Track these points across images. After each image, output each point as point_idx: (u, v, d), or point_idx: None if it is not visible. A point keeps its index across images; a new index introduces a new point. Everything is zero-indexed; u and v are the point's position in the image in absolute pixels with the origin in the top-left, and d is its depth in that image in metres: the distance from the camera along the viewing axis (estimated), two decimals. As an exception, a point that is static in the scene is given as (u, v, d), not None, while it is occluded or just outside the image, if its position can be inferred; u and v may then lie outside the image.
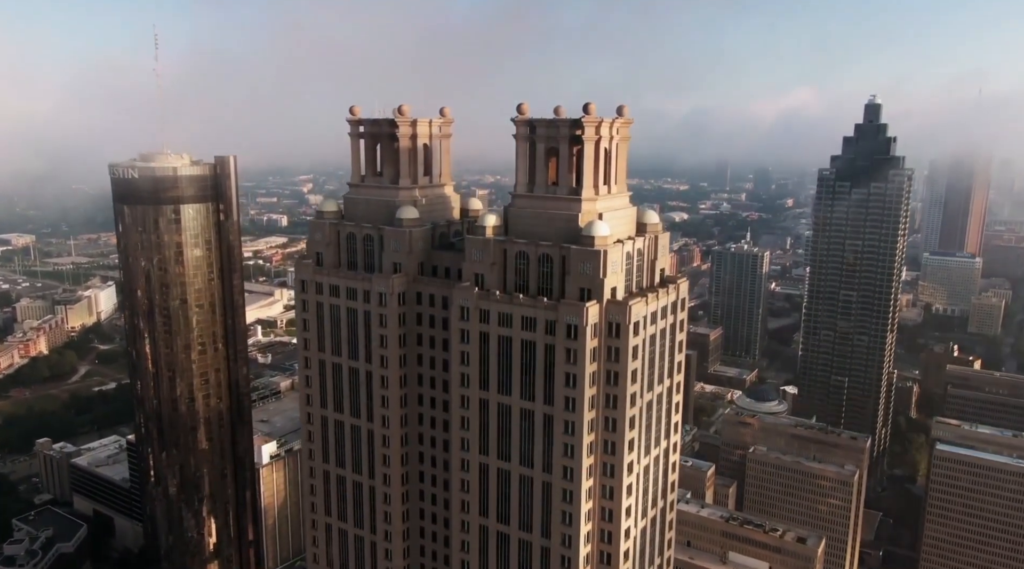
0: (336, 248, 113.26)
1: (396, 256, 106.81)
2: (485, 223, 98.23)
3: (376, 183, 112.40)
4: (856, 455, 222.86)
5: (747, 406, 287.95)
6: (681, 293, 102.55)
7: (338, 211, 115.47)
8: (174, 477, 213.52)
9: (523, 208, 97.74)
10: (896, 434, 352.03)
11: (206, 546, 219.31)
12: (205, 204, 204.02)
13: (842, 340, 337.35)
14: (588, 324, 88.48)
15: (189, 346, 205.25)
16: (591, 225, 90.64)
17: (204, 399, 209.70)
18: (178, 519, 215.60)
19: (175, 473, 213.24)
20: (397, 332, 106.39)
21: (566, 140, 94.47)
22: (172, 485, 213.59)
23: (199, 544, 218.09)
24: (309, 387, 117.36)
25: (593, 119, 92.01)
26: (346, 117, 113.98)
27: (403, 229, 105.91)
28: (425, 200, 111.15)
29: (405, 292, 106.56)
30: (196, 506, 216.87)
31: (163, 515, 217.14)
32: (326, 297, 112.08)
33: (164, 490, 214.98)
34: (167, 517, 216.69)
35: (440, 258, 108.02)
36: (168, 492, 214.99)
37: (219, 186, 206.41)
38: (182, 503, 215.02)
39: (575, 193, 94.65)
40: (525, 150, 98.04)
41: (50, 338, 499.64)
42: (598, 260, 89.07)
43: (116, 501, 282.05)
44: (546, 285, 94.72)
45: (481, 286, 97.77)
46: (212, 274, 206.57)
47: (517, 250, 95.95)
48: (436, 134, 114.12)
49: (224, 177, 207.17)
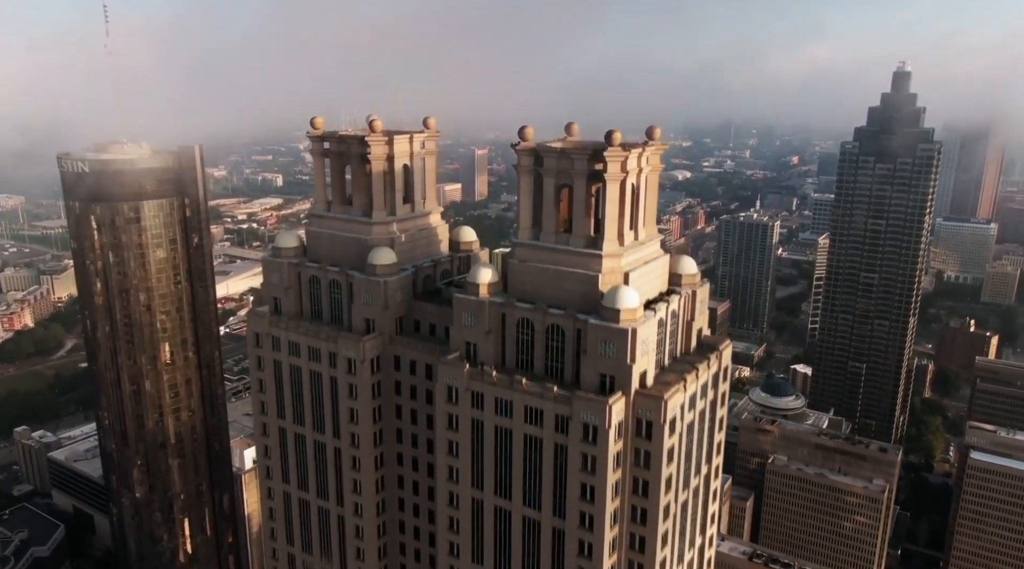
0: (297, 294, 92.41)
1: (368, 311, 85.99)
2: (478, 279, 77.28)
3: (345, 214, 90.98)
4: (885, 469, 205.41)
5: (762, 401, 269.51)
6: (724, 360, 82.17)
7: (299, 247, 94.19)
8: (144, 489, 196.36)
9: (527, 260, 76.77)
10: (910, 416, 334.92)
11: (180, 555, 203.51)
12: (168, 199, 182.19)
13: (861, 323, 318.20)
14: (611, 425, 68.35)
15: (155, 356, 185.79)
16: (615, 293, 69.76)
17: (174, 413, 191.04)
18: (148, 532, 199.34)
19: (145, 487, 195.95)
20: (370, 405, 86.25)
21: (582, 176, 73.13)
22: (140, 493, 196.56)
23: (172, 553, 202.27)
24: (268, 458, 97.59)
25: (618, 153, 70.44)
26: (307, 131, 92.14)
27: (376, 279, 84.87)
28: (405, 236, 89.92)
29: (380, 355, 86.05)
30: (169, 517, 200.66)
31: (133, 526, 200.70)
32: (285, 355, 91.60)
33: (133, 501, 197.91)
34: (137, 528, 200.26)
35: (424, 311, 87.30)
36: (138, 504, 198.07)
37: (184, 179, 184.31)
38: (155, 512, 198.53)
39: (594, 244, 73.64)
40: (529, 185, 76.61)
41: (35, 310, 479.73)
42: (624, 341, 68.48)
43: (95, 498, 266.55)
44: (556, 363, 74.42)
45: (473, 360, 77.40)
46: (179, 277, 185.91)
47: (519, 317, 75.31)
48: (418, 152, 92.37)
49: (188, 169, 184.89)
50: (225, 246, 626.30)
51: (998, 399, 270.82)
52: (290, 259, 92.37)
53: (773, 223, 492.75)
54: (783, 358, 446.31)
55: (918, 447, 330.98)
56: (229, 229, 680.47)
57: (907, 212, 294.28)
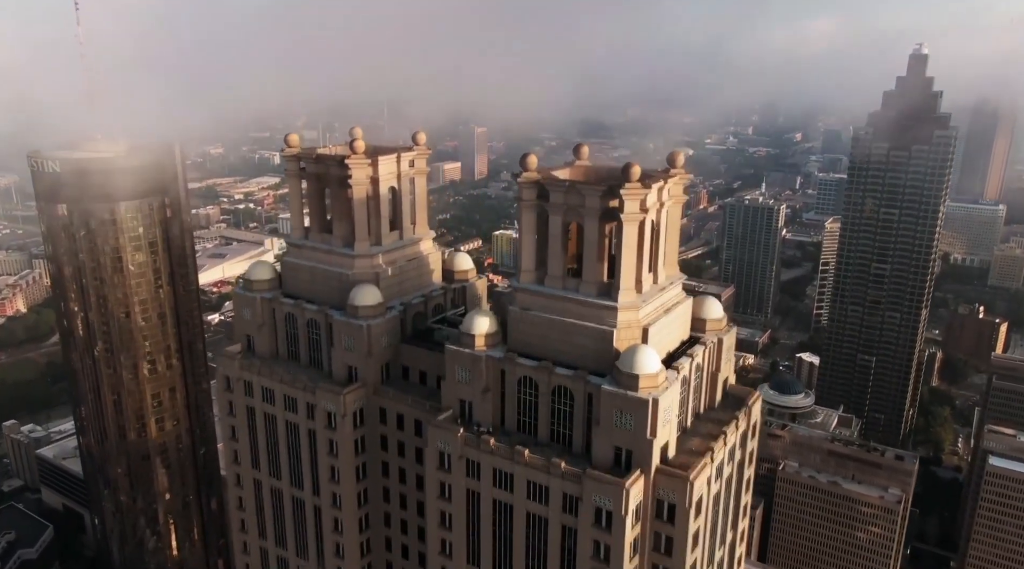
0: (271, 332, 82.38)
1: (350, 357, 76.05)
2: (474, 328, 67.26)
3: (324, 244, 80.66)
4: (902, 478, 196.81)
5: (771, 399, 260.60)
6: (754, 415, 72.46)
7: (273, 279, 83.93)
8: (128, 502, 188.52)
9: (530, 308, 66.71)
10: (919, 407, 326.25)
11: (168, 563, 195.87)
12: (147, 200, 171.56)
13: (871, 314, 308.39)
14: (629, 510, 58.75)
15: (136, 365, 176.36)
16: (633, 355, 59.76)
17: (157, 423, 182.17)
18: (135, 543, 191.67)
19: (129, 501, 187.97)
20: (353, 463, 76.69)
21: (594, 214, 62.85)
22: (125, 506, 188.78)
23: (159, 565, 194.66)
24: (242, 510, 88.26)
25: (637, 190, 60.03)
26: (281, 149, 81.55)
27: (359, 322, 74.81)
28: (392, 269, 79.71)
29: (364, 407, 76.29)
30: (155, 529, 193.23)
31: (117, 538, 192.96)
32: (258, 402, 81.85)
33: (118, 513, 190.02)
34: (121, 539, 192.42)
35: (413, 356, 77.34)
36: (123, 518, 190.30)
37: (162, 177, 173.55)
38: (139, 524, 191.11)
39: (607, 293, 63.55)
40: (532, 222, 66.30)
41: (27, 295, 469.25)
42: (644, 413, 58.66)
43: (85, 496, 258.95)
44: (563, 429, 64.70)
45: (468, 421, 67.70)
46: (160, 281, 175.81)
47: (521, 375, 65.42)
48: (407, 172, 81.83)
49: (167, 167, 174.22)
50: (222, 228, 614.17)
51: (1015, 398, 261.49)
52: (263, 293, 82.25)
53: (779, 206, 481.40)
54: (788, 344, 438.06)
55: (926, 439, 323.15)
56: (226, 210, 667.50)
57: (921, 202, 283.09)
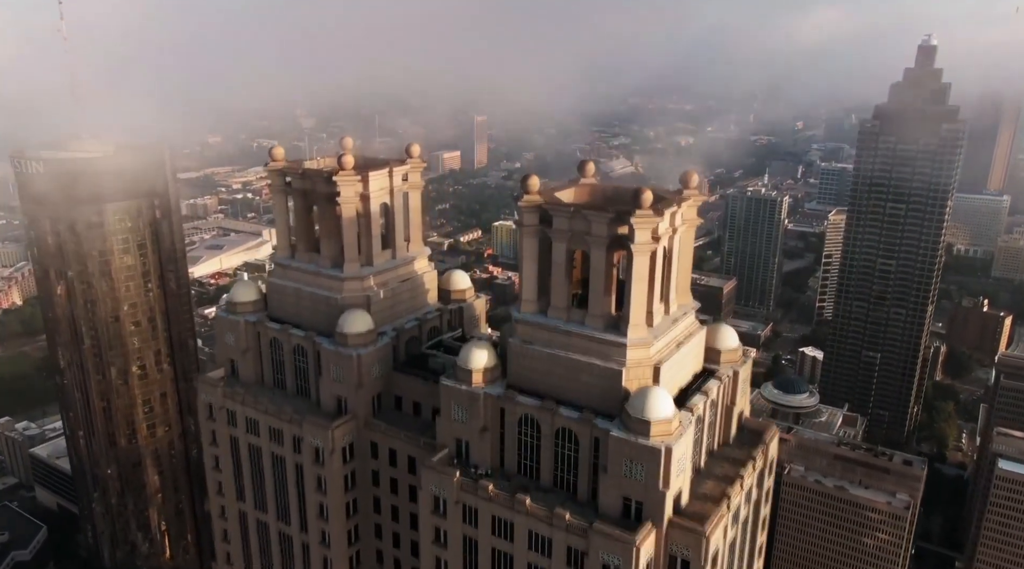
0: (256, 357, 77.49)
1: (339, 388, 71.21)
2: (470, 363, 62.31)
3: (311, 264, 75.60)
4: (910, 484, 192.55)
5: (775, 399, 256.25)
6: (771, 451, 67.69)
7: (258, 300, 78.90)
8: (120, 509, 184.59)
9: (531, 341, 61.74)
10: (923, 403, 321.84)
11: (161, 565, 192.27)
12: (135, 201, 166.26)
13: (876, 310, 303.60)
14: (639, 567, 54.02)
15: (126, 371, 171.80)
16: (644, 399, 54.87)
17: (148, 429, 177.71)
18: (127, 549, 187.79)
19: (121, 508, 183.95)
20: (343, 500, 72.01)
21: (602, 242, 57.76)
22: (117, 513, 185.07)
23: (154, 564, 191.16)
24: (227, 543, 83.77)
25: (648, 218, 54.89)
26: (265, 163, 76.36)
27: (348, 351, 69.83)
28: (384, 291, 74.69)
29: (354, 441, 71.49)
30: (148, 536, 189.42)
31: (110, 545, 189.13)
32: (242, 432, 77.04)
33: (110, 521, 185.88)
34: (112, 546, 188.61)
35: (407, 386, 72.45)
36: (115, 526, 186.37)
37: (151, 178, 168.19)
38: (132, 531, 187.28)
39: (615, 327, 58.59)
40: (534, 249, 61.21)
41: (23, 288, 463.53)
42: (656, 462, 53.84)
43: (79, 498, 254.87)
44: (568, 474, 59.91)
45: (464, 463, 62.90)
46: (149, 284, 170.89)
47: (522, 414, 60.56)
48: (400, 186, 76.67)
49: (156, 166, 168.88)
50: (219, 218, 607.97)
51: (1023, 397, 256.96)
52: (247, 316, 77.25)
53: (781, 197, 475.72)
54: (790, 337, 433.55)
55: (930, 436, 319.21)
56: (223, 200, 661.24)
57: (929, 197, 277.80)
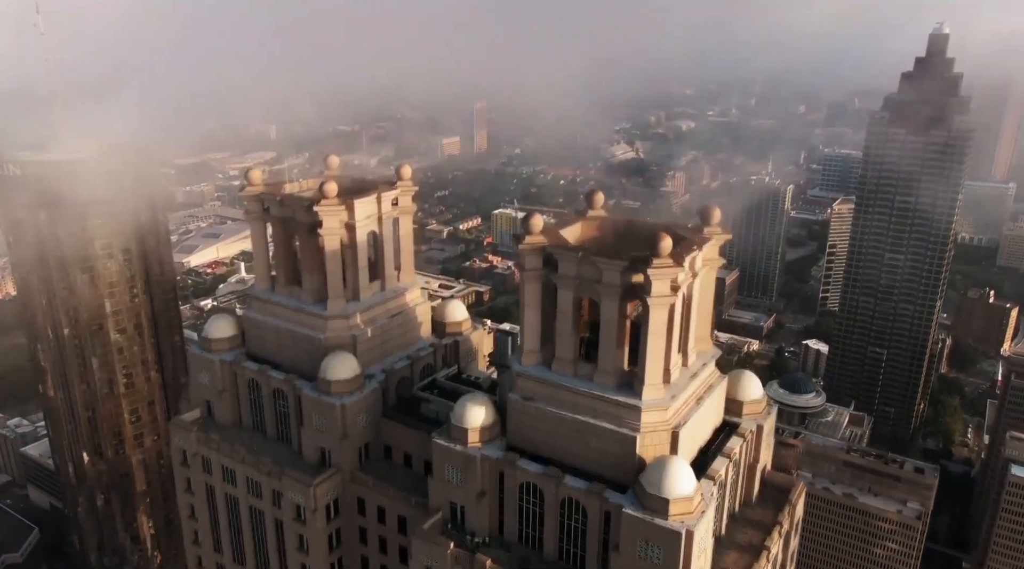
0: (233, 398, 71.24)
1: (322, 438, 64.98)
2: (466, 421, 56.00)
3: (293, 300, 69.12)
4: (921, 492, 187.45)
5: (780, 398, 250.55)
6: (798, 511, 61.54)
7: (235, 337, 72.48)
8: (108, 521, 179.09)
9: (533, 398, 55.37)
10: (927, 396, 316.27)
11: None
12: (119, 204, 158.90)
13: (883, 304, 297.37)
14: (655, 663, 48.10)
15: (112, 380, 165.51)
16: (663, 473, 48.63)
17: (135, 439, 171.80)
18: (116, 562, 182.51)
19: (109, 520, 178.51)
20: (327, 560, 66.05)
21: (614, 292, 51.22)
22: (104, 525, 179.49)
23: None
24: (208, 596, 77.96)
25: (667, 268, 48.32)
26: (241, 186, 69.60)
27: (332, 400, 63.47)
28: (372, 329, 68.29)
29: (339, 497, 65.31)
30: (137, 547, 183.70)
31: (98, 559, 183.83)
32: (218, 481, 70.91)
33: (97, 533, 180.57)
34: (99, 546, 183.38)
35: (397, 436, 66.15)
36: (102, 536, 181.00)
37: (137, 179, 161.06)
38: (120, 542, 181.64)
39: (628, 385, 52.27)
40: (536, 295, 54.69)
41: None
42: (676, 545, 47.68)
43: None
44: (574, 548, 53.74)
45: (459, 528, 56.73)
46: (135, 290, 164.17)
47: (523, 481, 54.31)
48: (389, 212, 70.02)
49: (142, 167, 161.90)
50: (216, 206, 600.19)
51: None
52: (223, 354, 70.86)
53: (785, 187, 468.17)
54: (793, 328, 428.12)
55: (935, 431, 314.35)
56: (221, 187, 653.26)
57: (938, 190, 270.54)
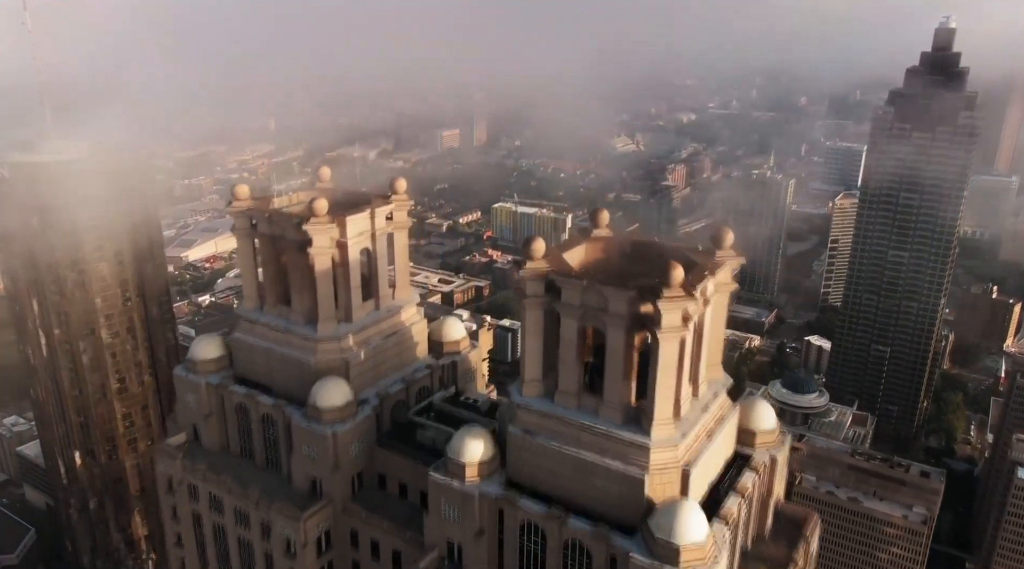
0: (220, 422, 68.18)
1: (313, 467, 61.89)
2: (463, 455, 52.91)
3: (281, 321, 65.90)
4: (927, 497, 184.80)
5: (783, 398, 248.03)
6: (812, 544, 58.47)
7: (223, 358, 69.29)
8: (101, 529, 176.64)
9: (535, 432, 52.23)
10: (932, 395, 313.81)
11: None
12: (111, 206, 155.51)
13: (887, 301, 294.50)
14: None
15: (104, 385, 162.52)
16: (673, 518, 45.59)
17: (129, 445, 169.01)
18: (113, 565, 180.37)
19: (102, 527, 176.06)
20: (320, 595, 63.02)
21: (620, 322, 47.99)
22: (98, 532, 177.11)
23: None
24: (196, 626, 75.05)
25: (678, 299, 45.10)
26: (228, 202, 66.25)
27: (322, 429, 60.31)
28: (366, 351, 65.10)
29: (332, 529, 62.26)
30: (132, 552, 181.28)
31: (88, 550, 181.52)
32: (206, 509, 67.93)
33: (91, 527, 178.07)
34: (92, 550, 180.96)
35: (391, 464, 63.03)
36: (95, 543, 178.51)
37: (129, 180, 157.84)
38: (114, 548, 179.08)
39: (635, 421, 49.14)
40: (538, 323, 51.48)
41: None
42: (687, 596, 44.65)
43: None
44: (579, 592, 50.73)
45: (457, 564, 53.68)
46: (128, 293, 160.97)
47: (523, 520, 51.25)
48: (383, 228, 66.72)
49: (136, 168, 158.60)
50: (214, 199, 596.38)
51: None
52: (209, 377, 67.69)
53: (787, 182, 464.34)
54: (795, 323, 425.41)
55: (938, 428, 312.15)
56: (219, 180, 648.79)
57: (944, 187, 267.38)
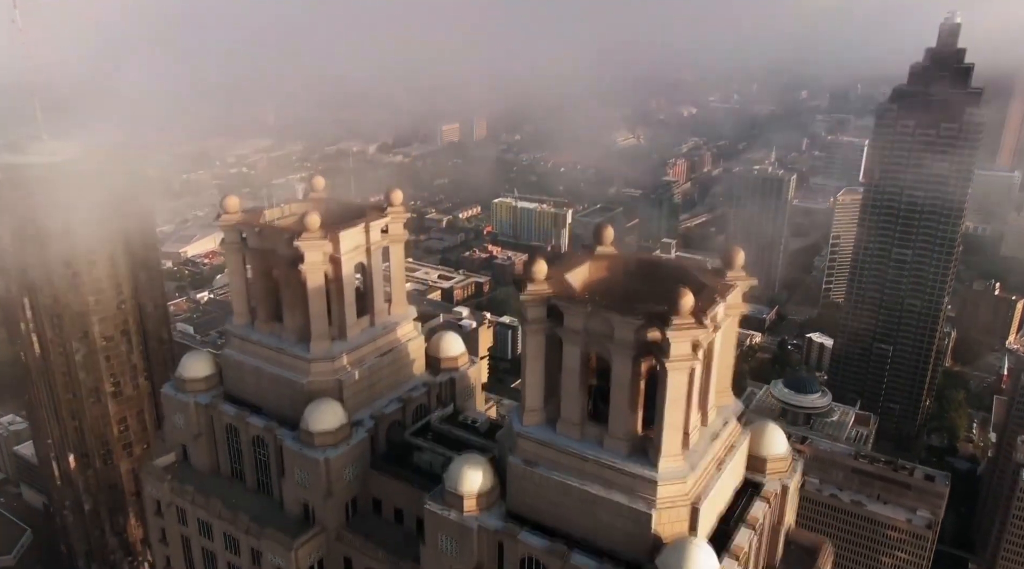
0: (210, 444, 65.77)
1: (305, 493, 59.50)
2: (461, 486, 50.55)
3: (273, 339, 63.40)
4: (932, 500, 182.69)
5: (785, 398, 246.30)
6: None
7: (212, 376, 66.84)
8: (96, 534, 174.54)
9: (536, 462, 49.83)
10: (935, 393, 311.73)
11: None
12: (104, 207, 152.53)
13: (890, 299, 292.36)
14: None
15: (98, 388, 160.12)
16: (682, 559, 43.17)
17: (124, 449, 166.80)
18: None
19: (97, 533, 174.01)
20: (313, 625, 60.72)
21: (626, 350, 45.53)
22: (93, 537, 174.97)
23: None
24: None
25: (688, 328, 42.60)
26: (218, 214, 63.72)
27: (315, 454, 57.92)
28: (360, 370, 62.63)
29: (324, 557, 59.91)
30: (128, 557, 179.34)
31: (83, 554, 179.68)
32: (194, 533, 65.57)
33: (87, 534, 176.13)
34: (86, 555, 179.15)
35: (388, 489, 60.63)
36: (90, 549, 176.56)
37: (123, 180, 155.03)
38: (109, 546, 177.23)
39: (641, 452, 46.78)
40: (539, 348, 49.01)
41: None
42: (697, 642, 42.33)
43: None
44: (583, 631, 48.39)
45: (457, 600, 51.53)
46: (123, 296, 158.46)
47: (524, 554, 48.92)
48: (378, 241, 64.17)
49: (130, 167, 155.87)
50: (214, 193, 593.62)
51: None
52: (198, 396, 65.25)
53: (789, 177, 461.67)
54: (796, 320, 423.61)
55: (940, 426, 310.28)
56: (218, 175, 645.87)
57: (948, 185, 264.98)
